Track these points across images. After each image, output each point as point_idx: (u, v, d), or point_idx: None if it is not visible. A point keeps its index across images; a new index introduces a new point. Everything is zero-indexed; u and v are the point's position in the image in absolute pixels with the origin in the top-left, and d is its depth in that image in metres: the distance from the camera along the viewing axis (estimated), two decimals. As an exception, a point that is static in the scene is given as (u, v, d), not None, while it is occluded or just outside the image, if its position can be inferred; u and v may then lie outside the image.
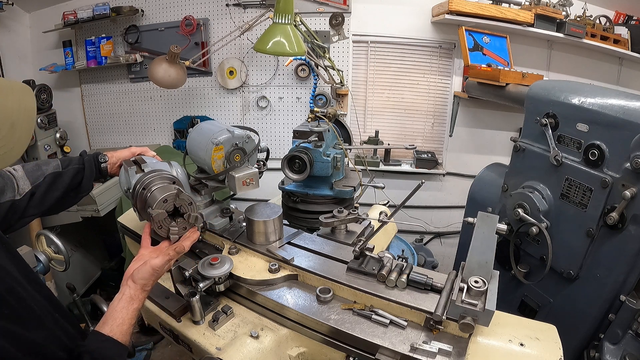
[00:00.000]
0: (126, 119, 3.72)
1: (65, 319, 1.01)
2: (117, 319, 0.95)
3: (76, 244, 3.38)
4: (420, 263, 3.17)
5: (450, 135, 3.49)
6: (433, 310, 1.00)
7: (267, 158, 1.58)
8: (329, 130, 1.81)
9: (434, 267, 3.21)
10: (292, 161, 1.69)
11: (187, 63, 2.96)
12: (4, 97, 0.68)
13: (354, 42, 3.31)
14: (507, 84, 2.54)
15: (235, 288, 1.26)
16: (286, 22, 1.84)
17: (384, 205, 2.03)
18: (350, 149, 2.28)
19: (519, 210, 1.81)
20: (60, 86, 3.59)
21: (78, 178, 1.26)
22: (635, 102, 1.49)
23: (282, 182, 1.83)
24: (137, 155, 1.34)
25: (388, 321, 1.04)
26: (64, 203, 1.27)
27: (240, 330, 1.15)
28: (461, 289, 1.00)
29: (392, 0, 3.19)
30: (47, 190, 1.18)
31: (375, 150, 3.53)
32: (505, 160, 2.16)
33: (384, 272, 1.12)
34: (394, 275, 1.10)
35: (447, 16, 2.91)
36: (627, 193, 1.42)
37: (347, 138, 2.50)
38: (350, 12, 3.21)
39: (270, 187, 1.96)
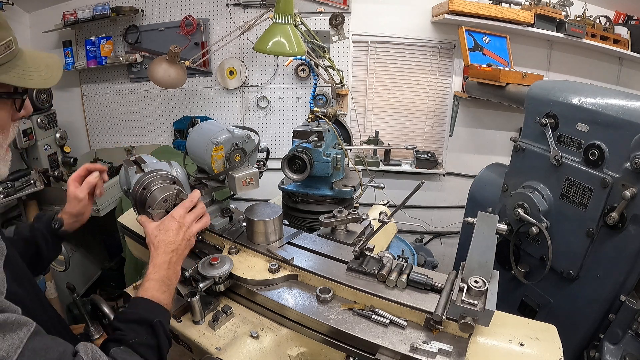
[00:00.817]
0: (126, 119, 3.72)
1: (60, 323, 1.02)
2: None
3: (76, 244, 3.38)
4: (420, 263, 3.17)
5: (450, 135, 3.49)
6: (433, 310, 0.99)
7: (267, 158, 1.58)
8: (329, 130, 1.81)
9: (434, 267, 3.21)
10: (292, 161, 1.69)
11: (187, 63, 2.96)
12: (37, 51, 0.95)
13: (354, 42, 3.31)
14: (507, 84, 2.54)
15: (235, 288, 1.26)
16: (286, 22, 1.84)
17: (384, 205, 2.03)
18: (350, 149, 2.27)
19: (519, 210, 1.81)
20: (60, 86, 3.58)
21: (31, 252, 1.17)
22: (635, 102, 1.49)
23: (282, 182, 1.83)
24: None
25: (388, 321, 1.04)
26: (37, 268, 1.21)
27: (240, 330, 1.15)
28: (461, 289, 1.00)
29: (392, 0, 3.19)
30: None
31: (375, 150, 3.53)
32: (505, 160, 2.16)
33: (384, 272, 1.12)
34: (394, 275, 1.10)
35: (447, 16, 2.91)
36: (627, 193, 1.42)
37: (347, 138, 2.50)
38: (350, 12, 3.21)
39: (270, 187, 1.96)
